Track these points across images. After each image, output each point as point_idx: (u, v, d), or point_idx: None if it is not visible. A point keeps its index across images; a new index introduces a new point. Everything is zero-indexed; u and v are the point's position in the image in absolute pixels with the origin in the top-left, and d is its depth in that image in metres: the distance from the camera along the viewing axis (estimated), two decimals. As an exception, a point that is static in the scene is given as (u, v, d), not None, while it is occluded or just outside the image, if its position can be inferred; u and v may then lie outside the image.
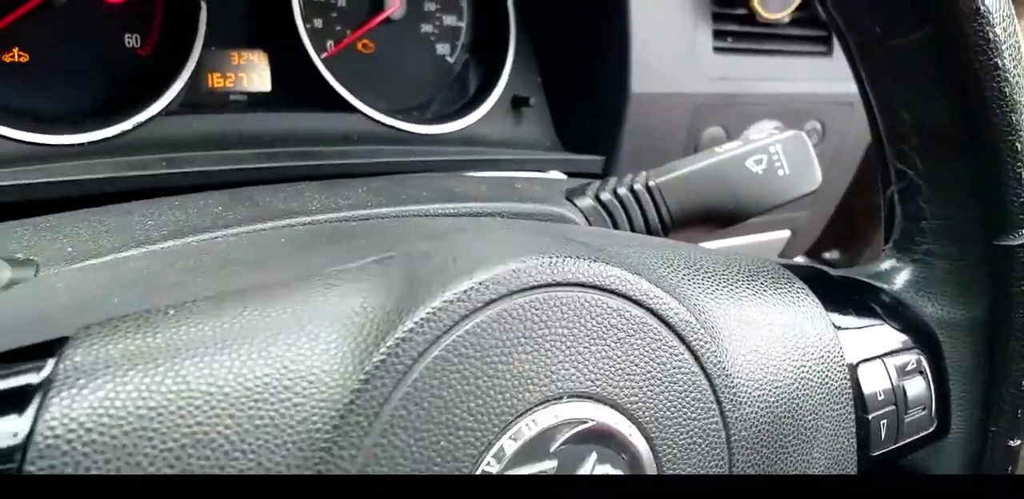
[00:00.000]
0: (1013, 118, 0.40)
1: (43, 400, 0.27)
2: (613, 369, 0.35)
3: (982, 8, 0.39)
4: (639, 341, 0.35)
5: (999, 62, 0.40)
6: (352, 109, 0.69)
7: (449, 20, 0.76)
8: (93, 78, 0.67)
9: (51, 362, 0.29)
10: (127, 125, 0.64)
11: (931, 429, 0.46)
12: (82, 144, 0.62)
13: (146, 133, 0.65)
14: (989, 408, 0.46)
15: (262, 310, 0.31)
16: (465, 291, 0.32)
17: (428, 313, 0.31)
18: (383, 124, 0.70)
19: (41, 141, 0.61)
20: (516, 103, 0.73)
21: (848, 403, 0.42)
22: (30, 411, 0.27)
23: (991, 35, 0.39)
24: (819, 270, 0.47)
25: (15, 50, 0.64)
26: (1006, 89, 0.40)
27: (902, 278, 0.46)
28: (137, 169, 0.59)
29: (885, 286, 0.46)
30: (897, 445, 0.44)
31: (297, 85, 0.70)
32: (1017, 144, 0.40)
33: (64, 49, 0.65)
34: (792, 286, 0.43)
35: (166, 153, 0.64)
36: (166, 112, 0.65)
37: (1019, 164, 0.41)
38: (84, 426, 0.27)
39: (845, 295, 0.46)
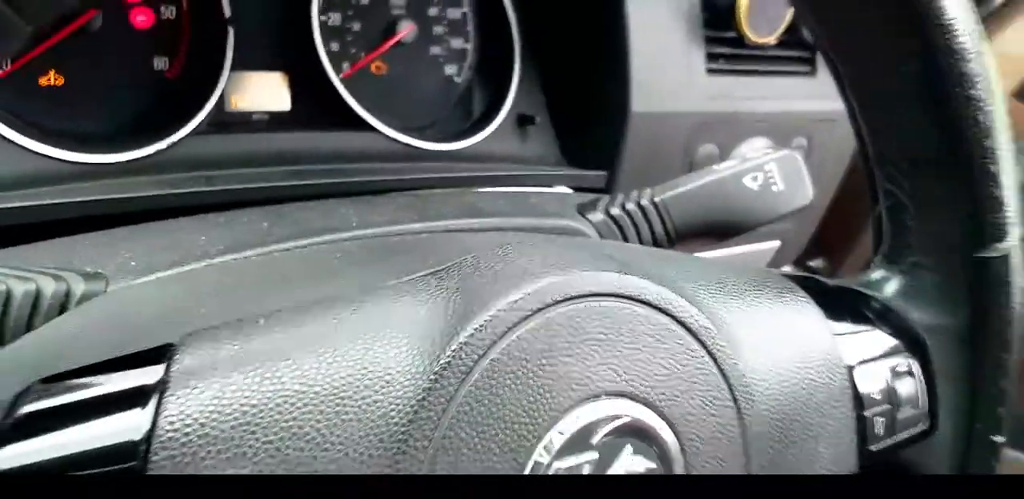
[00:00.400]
0: (987, 143, 0.45)
1: (161, 399, 0.31)
2: (644, 370, 0.39)
3: (956, 46, 0.44)
4: (665, 345, 0.40)
5: (973, 93, 0.45)
6: (369, 127, 0.73)
7: (456, 43, 0.80)
8: (124, 100, 0.71)
9: (162, 366, 0.32)
10: (162, 145, 0.67)
11: (922, 426, 0.50)
12: (119, 163, 0.66)
13: (178, 152, 0.68)
14: (973, 406, 0.50)
15: (340, 319, 0.35)
16: (516, 301, 0.36)
17: (484, 321, 0.35)
18: (398, 142, 0.73)
19: (78, 159, 0.64)
20: (522, 121, 0.77)
21: (848, 402, 0.47)
22: (150, 408, 0.31)
23: (966, 69, 0.44)
24: (816, 280, 0.51)
25: (51, 73, 0.68)
26: (980, 117, 0.45)
27: (891, 287, 0.50)
28: (178, 187, 0.63)
29: (876, 294, 0.51)
30: (892, 441, 0.48)
31: (316, 105, 0.74)
32: (991, 166, 0.45)
33: (97, 72, 0.69)
34: (795, 295, 0.47)
35: (197, 171, 0.68)
36: (196, 132, 0.69)
37: (993, 184, 0.46)
38: (198, 421, 0.31)
39: (841, 303, 0.50)
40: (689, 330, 0.41)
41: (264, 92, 0.75)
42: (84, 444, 0.31)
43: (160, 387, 0.32)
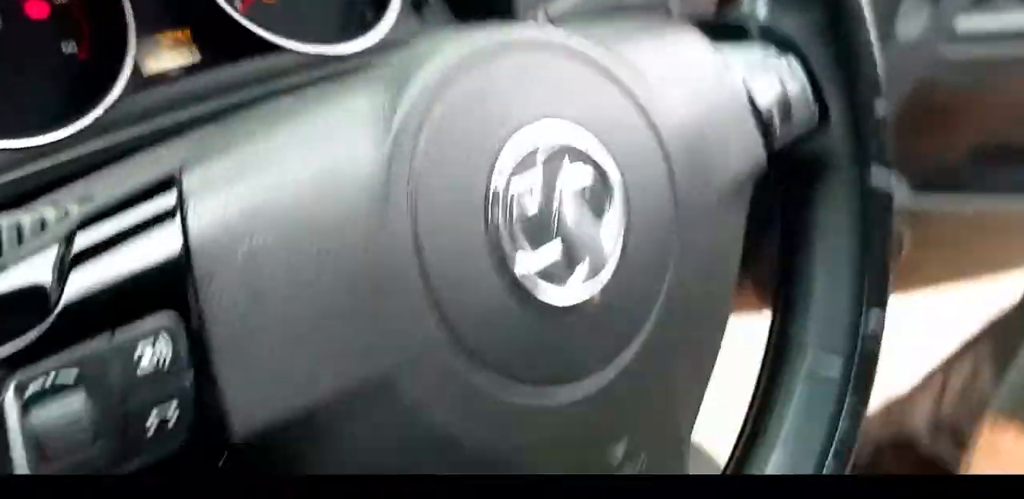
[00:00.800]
0: None
1: (183, 211, 0.38)
2: (571, 100, 0.47)
3: None
4: (583, 83, 0.48)
5: None
6: (279, 48, 0.77)
7: (331, -45, 0.84)
8: (48, 89, 0.74)
9: (174, 189, 0.39)
10: (93, 115, 0.71)
11: (815, 119, 0.59)
12: (64, 139, 0.69)
13: (108, 119, 0.72)
14: (852, 94, 0.58)
15: (303, 121, 0.44)
16: (447, 57, 0.45)
17: (422, 79, 0.44)
18: (311, 54, 0.77)
19: (24, 145, 0.68)
20: (417, 6, 0.82)
21: (747, 109, 0.55)
22: (177, 219, 0.38)
23: None
24: (700, 20, 0.58)
25: (-22, 81, 0.72)
26: None
27: (759, 9, 0.59)
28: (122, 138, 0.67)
29: (749, 18, 0.59)
30: (792, 136, 0.57)
31: (223, 45, 0.78)
32: None
33: (16, 70, 0.73)
34: (687, 29, 0.57)
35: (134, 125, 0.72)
36: (120, 99, 0.73)
37: None
38: (220, 218, 0.38)
39: (722, 31, 0.59)
40: (601, 69, 0.49)
41: (173, 49, 0.79)
42: (138, 259, 0.37)
43: (181, 202, 0.39)
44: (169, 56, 0.79)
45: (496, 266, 0.42)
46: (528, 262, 0.43)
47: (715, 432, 0.68)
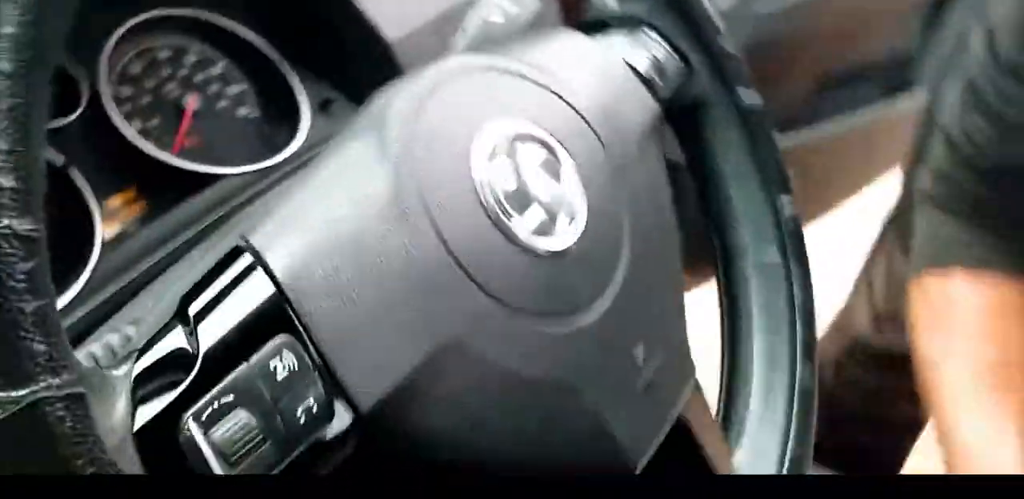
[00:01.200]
0: None
1: (266, 265, 0.48)
2: (508, 103, 0.61)
3: None
4: (512, 87, 0.63)
5: None
6: (216, 177, 0.82)
7: (234, 89, 0.90)
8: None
9: (247, 252, 0.49)
10: (78, 286, 0.74)
11: (684, 70, 0.75)
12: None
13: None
14: (701, 43, 0.75)
15: (317, 176, 0.54)
16: (416, 81, 0.59)
17: (400, 117, 0.56)
18: (242, 173, 0.83)
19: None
20: (323, 106, 0.88)
21: (631, 76, 0.71)
22: (264, 273, 0.48)
23: None
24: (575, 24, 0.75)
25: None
26: None
27: (609, 3, 0.76)
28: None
29: (605, 12, 0.76)
30: (671, 86, 0.73)
31: (168, 189, 0.82)
32: None
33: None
34: (566, 31, 0.73)
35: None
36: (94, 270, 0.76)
37: None
38: (294, 258, 0.49)
39: (589, 26, 0.75)
40: (521, 75, 0.63)
41: (124, 208, 0.83)
42: (244, 306, 0.47)
43: (259, 260, 0.48)
44: (121, 216, 0.83)
45: (500, 234, 0.54)
46: (521, 225, 0.55)
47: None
